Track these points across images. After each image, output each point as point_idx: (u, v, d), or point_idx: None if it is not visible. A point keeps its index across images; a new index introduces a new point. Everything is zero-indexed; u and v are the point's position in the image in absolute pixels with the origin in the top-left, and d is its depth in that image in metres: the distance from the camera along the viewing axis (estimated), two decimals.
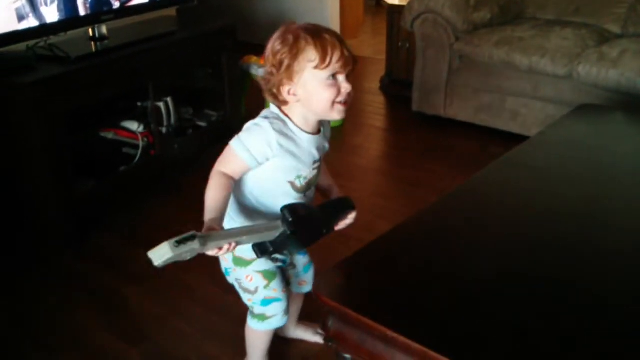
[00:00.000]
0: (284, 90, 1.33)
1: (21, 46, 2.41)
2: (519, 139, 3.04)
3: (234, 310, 1.88)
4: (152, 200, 2.72)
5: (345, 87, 1.32)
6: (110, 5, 2.62)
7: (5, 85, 2.21)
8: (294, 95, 1.33)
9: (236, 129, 1.52)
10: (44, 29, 2.38)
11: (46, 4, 2.36)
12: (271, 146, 1.33)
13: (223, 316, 1.97)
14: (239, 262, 1.49)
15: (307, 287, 1.72)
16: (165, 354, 1.85)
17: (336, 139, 3.49)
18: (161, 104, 2.69)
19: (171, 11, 3.29)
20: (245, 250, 1.40)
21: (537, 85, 3.12)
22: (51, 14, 2.39)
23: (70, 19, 2.48)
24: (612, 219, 1.46)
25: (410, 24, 3.48)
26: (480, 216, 1.47)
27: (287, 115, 1.37)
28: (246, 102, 3.55)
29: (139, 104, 2.68)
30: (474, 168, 1.75)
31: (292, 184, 1.40)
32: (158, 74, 2.65)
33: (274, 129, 1.33)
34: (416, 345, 1.03)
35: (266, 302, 1.54)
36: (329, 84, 1.30)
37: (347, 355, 1.21)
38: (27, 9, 2.29)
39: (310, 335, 1.88)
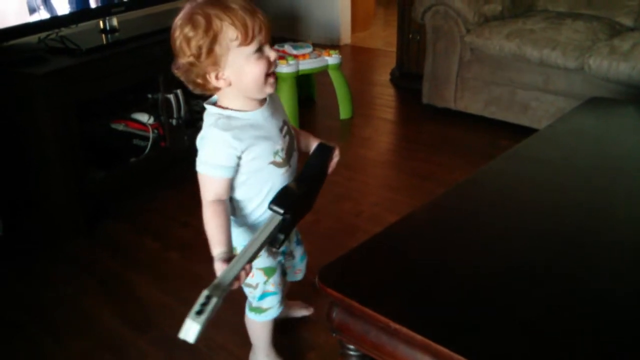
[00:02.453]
0: (211, 77, 1.24)
1: (32, 38, 2.43)
2: (529, 132, 3.02)
3: (242, 300, 1.89)
4: (161, 191, 2.75)
5: (273, 56, 1.25)
6: None
7: (17, 77, 2.23)
8: (223, 79, 1.24)
9: None
10: (55, 21, 2.40)
11: None
12: (232, 145, 1.26)
13: (231, 305, 1.96)
14: None
15: (301, 275, 1.76)
16: (173, 341, 1.85)
17: (345, 131, 3.51)
18: (171, 96, 2.71)
19: (182, 3, 3.30)
20: None
21: (548, 78, 3.10)
22: (62, 6, 2.41)
23: (81, 11, 2.50)
24: (621, 212, 1.46)
25: (420, 15, 3.47)
26: (487, 209, 1.47)
27: (223, 107, 1.29)
28: None
29: (150, 96, 2.70)
30: (484, 161, 1.75)
31: (274, 163, 1.34)
32: (168, 66, 2.65)
33: (222, 129, 1.26)
34: (419, 337, 1.03)
35: (262, 296, 1.55)
36: (257, 57, 1.23)
37: (351, 346, 1.22)
38: (38, 1, 2.31)
39: (297, 312, 1.93)
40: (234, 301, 1.96)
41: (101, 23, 2.64)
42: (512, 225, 1.41)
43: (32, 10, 2.28)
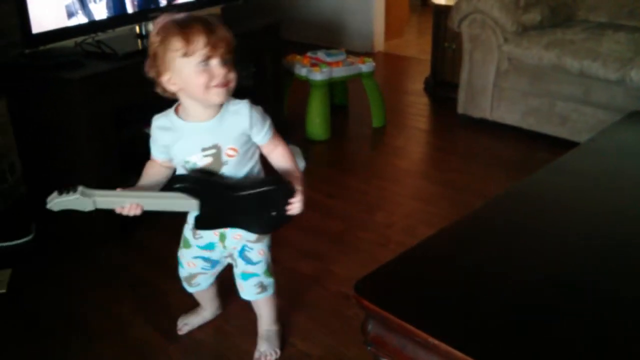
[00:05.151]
0: (164, 80, 1.40)
1: (69, 42, 2.45)
2: (567, 144, 2.97)
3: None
4: None
5: (219, 72, 1.37)
6: (158, 3, 2.65)
7: (54, 81, 2.25)
8: (174, 84, 1.39)
9: (278, 127, 1.53)
10: (93, 26, 2.42)
11: (95, 1, 2.39)
12: (155, 138, 1.49)
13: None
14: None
15: (242, 293, 1.76)
16: (203, 351, 1.85)
17: (378, 140, 3.48)
18: None
19: (216, 9, 3.31)
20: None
21: (588, 89, 3.03)
22: (100, 11, 2.42)
23: (119, 16, 2.51)
24: None
25: (457, 24, 3.43)
26: (529, 222, 1.43)
27: (177, 108, 1.47)
28: (288, 100, 3.56)
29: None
30: (521, 173, 1.70)
31: (184, 168, 1.49)
32: None
33: (154, 124, 1.49)
34: (458, 354, 0.99)
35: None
36: (200, 70, 1.35)
37: None
38: (77, 5, 2.32)
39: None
40: None
41: (137, 28, 2.65)
42: (554, 239, 1.37)
43: (70, 15, 2.30)
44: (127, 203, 1.40)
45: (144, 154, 1.62)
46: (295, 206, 1.49)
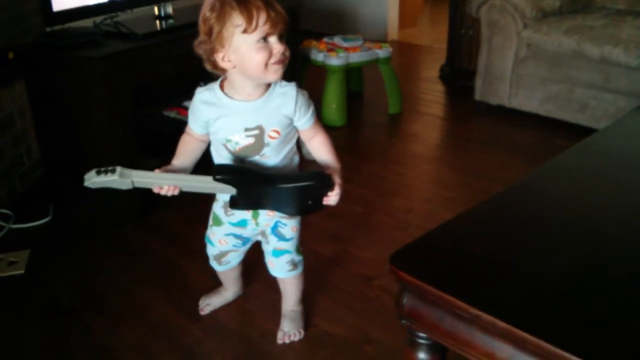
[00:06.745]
0: (218, 57, 1.35)
1: (87, 22, 2.43)
2: (586, 131, 2.92)
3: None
4: None
5: (278, 48, 1.34)
6: None
7: (74, 59, 2.23)
8: (229, 61, 1.35)
9: None
10: (113, 5, 2.41)
11: None
12: (198, 112, 1.45)
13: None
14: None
15: (273, 271, 1.75)
16: (226, 330, 1.84)
17: (394, 126, 3.45)
18: None
19: None
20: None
21: (609, 76, 2.99)
22: None
23: None
24: None
25: (476, 10, 3.39)
26: (565, 197, 1.40)
27: (223, 84, 1.43)
28: (305, 86, 3.53)
29: (202, 83, 2.68)
30: (540, 160, 1.67)
31: (225, 147, 1.46)
32: None
33: (198, 98, 1.45)
34: (501, 324, 0.97)
35: (207, 239, 1.74)
36: (260, 47, 1.32)
37: (422, 334, 1.16)
38: None
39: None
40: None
41: (156, 9, 2.63)
42: (592, 215, 1.34)
43: None
44: (165, 184, 1.38)
45: (162, 136, 1.61)
46: (332, 199, 1.47)
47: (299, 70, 3.31)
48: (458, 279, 1.09)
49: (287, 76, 1.45)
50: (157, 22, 2.62)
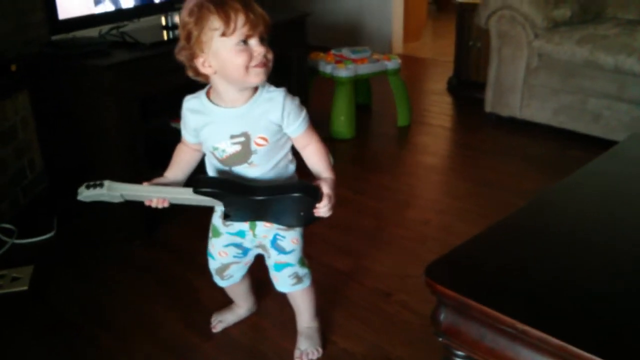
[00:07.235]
0: (199, 62, 1.32)
1: (93, 32, 2.38)
2: (600, 143, 2.88)
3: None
4: None
5: (258, 51, 1.31)
6: None
7: (81, 68, 2.17)
8: (210, 66, 1.32)
9: None
10: (120, 14, 2.35)
11: None
12: (186, 120, 1.43)
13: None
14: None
15: (277, 286, 1.67)
16: (240, 348, 1.76)
17: (403, 139, 3.39)
18: None
19: None
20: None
21: (623, 86, 2.94)
22: (127, 0, 2.35)
23: (145, 5, 2.44)
24: None
25: (484, 20, 3.35)
26: (599, 207, 1.34)
27: (209, 91, 1.40)
28: (313, 98, 3.47)
29: None
30: (555, 171, 1.62)
31: (213, 154, 1.43)
32: None
33: (185, 106, 1.43)
34: (553, 340, 0.90)
35: (208, 254, 1.68)
36: (239, 50, 1.29)
37: (460, 353, 1.09)
38: None
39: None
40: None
41: (163, 20, 2.58)
42: (627, 225, 1.27)
43: (97, 2, 2.23)
44: (153, 197, 1.37)
45: (170, 146, 1.55)
46: (321, 210, 1.39)
47: (306, 82, 3.25)
48: (501, 293, 1.02)
49: (295, 88, 1.39)
50: (164, 32, 2.57)
